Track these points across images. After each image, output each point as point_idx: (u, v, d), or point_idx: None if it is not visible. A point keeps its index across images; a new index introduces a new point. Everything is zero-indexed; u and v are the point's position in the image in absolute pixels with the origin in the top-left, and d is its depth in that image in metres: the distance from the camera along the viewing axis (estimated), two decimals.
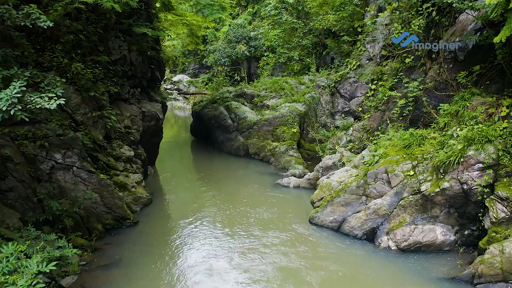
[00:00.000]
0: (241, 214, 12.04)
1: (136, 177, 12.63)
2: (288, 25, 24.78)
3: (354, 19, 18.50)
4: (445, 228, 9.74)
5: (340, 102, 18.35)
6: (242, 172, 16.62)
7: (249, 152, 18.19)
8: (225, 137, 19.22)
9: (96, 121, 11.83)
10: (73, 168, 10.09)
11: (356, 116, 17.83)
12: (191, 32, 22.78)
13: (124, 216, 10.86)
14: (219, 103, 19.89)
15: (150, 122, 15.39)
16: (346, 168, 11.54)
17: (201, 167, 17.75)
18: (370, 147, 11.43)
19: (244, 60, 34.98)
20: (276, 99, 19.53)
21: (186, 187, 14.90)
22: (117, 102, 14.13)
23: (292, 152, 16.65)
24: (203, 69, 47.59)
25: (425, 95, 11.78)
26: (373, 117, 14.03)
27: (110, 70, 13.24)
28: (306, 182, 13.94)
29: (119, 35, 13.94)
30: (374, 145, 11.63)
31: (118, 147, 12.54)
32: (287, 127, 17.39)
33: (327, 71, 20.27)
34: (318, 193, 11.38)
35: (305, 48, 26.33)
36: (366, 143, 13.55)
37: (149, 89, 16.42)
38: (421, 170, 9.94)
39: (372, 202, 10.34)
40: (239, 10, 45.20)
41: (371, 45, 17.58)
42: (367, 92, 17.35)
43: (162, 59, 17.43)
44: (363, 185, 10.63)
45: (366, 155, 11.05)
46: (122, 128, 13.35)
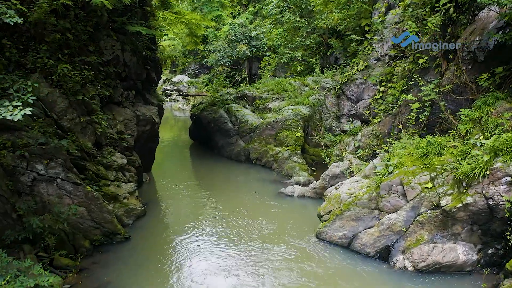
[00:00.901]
0: (242, 227, 11.13)
1: (129, 187, 11.72)
2: (291, 24, 23.84)
3: (361, 17, 17.57)
4: (467, 247, 8.81)
5: (346, 104, 17.42)
6: (243, 179, 15.70)
7: (250, 157, 17.27)
8: (225, 141, 18.30)
9: (85, 127, 10.92)
10: (57, 180, 9.18)
11: (364, 120, 16.90)
12: (190, 32, 21.89)
13: (114, 231, 9.94)
14: (219, 105, 18.97)
15: (145, 126, 14.48)
16: (356, 178, 10.61)
17: (199, 174, 16.83)
18: (382, 156, 10.49)
19: (245, 61, 34.07)
20: (279, 101, 18.60)
21: (183, 195, 13.97)
22: (109, 106, 13.22)
23: (296, 158, 15.72)
24: (203, 69, 46.68)
25: (442, 99, 10.84)
26: (383, 122, 13.09)
27: (101, 72, 12.33)
28: (311, 191, 13.01)
29: (111, 34, 13.02)
30: (386, 153, 10.70)
31: (109, 155, 11.62)
32: (290, 131, 16.47)
33: (332, 72, 19.33)
34: (326, 206, 10.45)
35: (308, 48, 25.41)
36: (376, 150, 12.61)
37: (145, 92, 15.51)
38: (440, 183, 9.02)
39: (386, 217, 9.42)
40: (240, 9, 44.33)
41: (380, 45, 16.66)
42: (375, 94, 16.45)
43: (158, 59, 16.52)
44: (376, 198, 9.70)
45: (379, 164, 10.12)
46: (114, 133, 12.44)
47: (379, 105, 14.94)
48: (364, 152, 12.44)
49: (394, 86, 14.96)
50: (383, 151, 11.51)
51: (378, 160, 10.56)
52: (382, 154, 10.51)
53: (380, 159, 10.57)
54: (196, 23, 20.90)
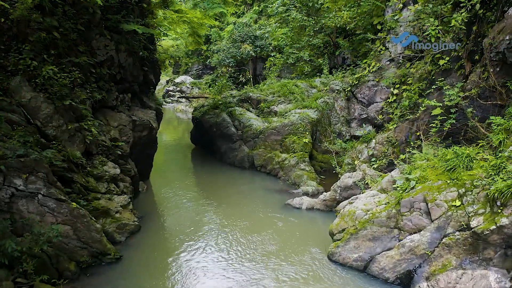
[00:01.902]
0: (246, 243, 10.12)
1: (122, 200, 10.72)
2: (297, 23, 22.79)
3: (373, 15, 16.50)
4: (500, 273, 7.72)
5: (357, 108, 16.36)
6: (247, 188, 14.67)
7: (254, 164, 16.25)
8: (228, 146, 17.29)
9: (73, 135, 9.95)
10: (38, 196, 8.20)
11: (376, 124, 15.84)
12: (193, 31, 20.94)
13: (103, 251, 8.95)
14: (221, 109, 17.95)
15: (142, 132, 13.50)
16: (373, 193, 9.56)
17: (200, 182, 15.82)
18: (401, 168, 9.44)
19: (250, 61, 33.06)
20: (285, 104, 17.57)
21: (182, 207, 12.98)
22: (102, 111, 12.25)
23: (303, 165, 14.68)
24: (207, 70, 45.76)
25: (469, 104, 9.76)
26: (399, 128, 12.04)
27: (93, 74, 11.36)
28: (321, 203, 11.98)
29: (105, 33, 12.04)
30: (406, 164, 9.64)
31: (100, 165, 10.64)
32: (297, 137, 15.42)
33: (341, 73, 18.27)
34: (339, 223, 9.41)
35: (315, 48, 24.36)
36: (393, 159, 11.56)
37: (142, 95, 14.52)
38: (470, 201, 7.95)
39: (408, 238, 8.37)
40: (244, 9, 43.36)
41: (393, 44, 15.58)
42: (388, 97, 15.40)
43: (157, 60, 15.52)
44: (395, 215, 8.65)
45: (398, 178, 9.06)
46: (107, 141, 11.45)
47: (393, 109, 13.88)
48: (379, 162, 11.37)
49: (409, 88, 13.94)
50: (401, 161, 10.44)
51: (396, 173, 9.50)
52: (402, 166, 9.45)
53: (399, 171, 9.51)
54: (198, 22, 19.93)
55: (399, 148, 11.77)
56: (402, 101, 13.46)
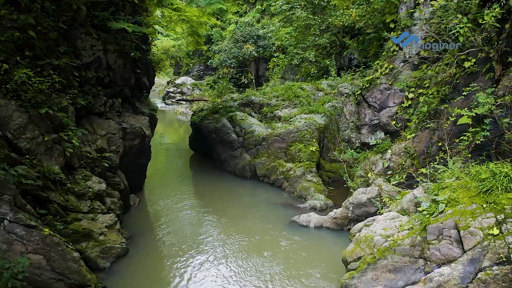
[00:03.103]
0: (247, 268, 8.96)
1: (107, 219, 9.53)
2: (302, 22, 21.57)
3: (385, 13, 15.27)
4: None
5: (368, 113, 15.13)
6: (248, 201, 13.46)
7: (256, 173, 15.03)
8: (229, 154, 16.07)
9: (51, 147, 8.76)
10: (4, 222, 7.01)
11: (388, 131, 14.60)
12: (192, 30, 19.78)
13: (83, 282, 7.75)
14: (221, 113, 16.74)
15: (134, 140, 12.31)
16: (392, 214, 8.32)
17: (198, 193, 14.60)
18: (426, 186, 8.21)
19: (252, 62, 31.90)
20: (290, 108, 16.34)
21: (177, 222, 11.79)
22: (89, 118, 11.08)
23: (310, 176, 13.45)
24: (208, 70, 44.58)
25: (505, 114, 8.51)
26: (418, 138, 10.80)
27: (77, 77, 10.18)
28: (331, 221, 10.75)
29: (91, 32, 10.87)
30: (431, 182, 8.41)
31: (83, 180, 9.45)
32: (303, 145, 14.19)
33: (350, 75, 17.05)
34: (354, 250, 8.18)
35: (320, 48, 23.16)
36: (411, 172, 10.32)
37: (134, 99, 13.34)
38: (510, 229, 6.72)
39: (436, 271, 7.13)
40: (246, 8, 42.18)
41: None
42: (402, 101, 14.15)
43: (151, 61, 14.32)
44: (421, 243, 7.42)
45: (423, 199, 7.83)
46: (93, 152, 10.27)
47: (409, 115, 12.64)
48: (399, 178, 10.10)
49: (426, 93, 12.70)
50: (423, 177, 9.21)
51: (420, 191, 8.27)
52: (426, 184, 8.21)
53: (422, 190, 8.27)
54: (198, 21, 18.79)
55: (418, 160, 10.53)
56: (419, 107, 12.21)
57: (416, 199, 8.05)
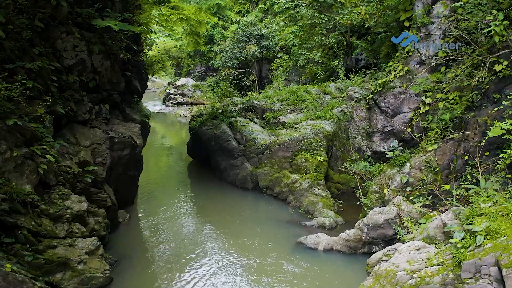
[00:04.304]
0: None
1: (88, 244, 8.35)
2: (307, 21, 20.30)
3: (399, 10, 14.03)
4: None
5: (380, 119, 13.90)
6: (249, 217, 12.27)
7: (259, 184, 13.82)
8: (229, 163, 14.87)
9: (21, 164, 7.59)
10: None
11: (402, 139, 13.39)
12: (191, 30, 18.64)
13: None
14: (221, 119, 15.53)
15: (123, 151, 11.13)
16: (418, 244, 7.11)
17: (196, 206, 13.41)
18: (457, 210, 7.00)
19: (254, 62, 30.69)
20: (295, 114, 15.12)
21: (170, 241, 10.62)
22: (71, 127, 9.93)
23: (318, 189, 12.23)
24: (209, 71, 43.39)
25: None
26: (441, 149, 9.56)
27: (55, 82, 9.01)
28: (343, 244, 9.54)
29: (73, 31, 9.70)
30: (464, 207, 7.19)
31: (60, 199, 8.27)
32: (310, 154, 12.97)
33: (360, 78, 15.81)
34: (373, 287, 6.97)
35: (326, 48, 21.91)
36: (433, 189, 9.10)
37: (124, 105, 12.18)
38: None
39: None
40: (249, 7, 40.97)
41: (424, 44, 13.12)
42: (418, 107, 12.95)
43: (143, 63, 13.13)
44: (454, 282, 6.21)
45: (456, 229, 6.62)
46: (74, 166, 9.09)
47: (428, 123, 11.42)
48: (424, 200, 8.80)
49: (445, 97, 11.51)
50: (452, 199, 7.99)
51: (449, 217, 7.05)
52: (457, 209, 7.00)
53: (452, 214, 7.06)
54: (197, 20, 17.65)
55: (441, 175, 9.30)
56: (439, 114, 11.01)
57: (447, 228, 6.84)
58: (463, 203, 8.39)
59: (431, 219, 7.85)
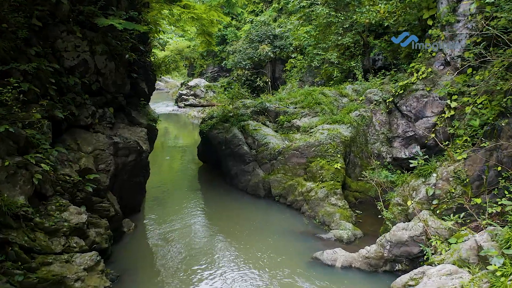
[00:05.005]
0: None
1: (87, 259, 7.74)
2: (323, 20, 19.53)
3: (422, 8, 13.18)
4: None
5: (401, 123, 13.07)
6: (261, 226, 11.58)
7: (271, 192, 13.11)
8: (240, 169, 14.19)
9: (13, 174, 7.02)
10: None
11: (425, 145, 12.55)
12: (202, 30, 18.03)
13: None
14: (232, 122, 14.86)
15: (128, 157, 10.55)
16: (449, 268, 6.32)
17: (205, 213, 12.76)
18: (494, 231, 6.20)
19: (268, 63, 29.99)
20: (310, 117, 14.36)
21: (176, 252, 9.99)
22: (72, 132, 9.37)
23: (335, 199, 11.46)
24: (222, 72, 42.84)
25: None
26: (471, 159, 8.73)
27: (54, 84, 8.44)
28: (362, 261, 8.77)
29: (74, 30, 9.13)
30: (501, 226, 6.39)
31: (57, 211, 7.69)
32: (326, 161, 12.21)
33: (380, 80, 14.98)
34: None
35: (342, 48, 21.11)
36: (463, 202, 8.27)
37: (130, 108, 11.59)
38: None
39: None
40: (263, 6, 40.30)
41: (449, 44, 12.25)
42: (442, 111, 12.10)
43: (150, 64, 12.52)
44: None
45: (494, 253, 5.82)
46: (74, 174, 8.51)
47: (454, 129, 10.57)
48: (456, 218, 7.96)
49: (472, 101, 10.66)
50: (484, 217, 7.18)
51: (485, 239, 6.26)
52: (494, 230, 6.20)
53: (488, 236, 6.27)
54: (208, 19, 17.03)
55: (471, 187, 8.47)
56: (468, 120, 10.15)
57: (484, 252, 6.04)
58: (496, 219, 7.58)
59: (462, 238, 7.06)
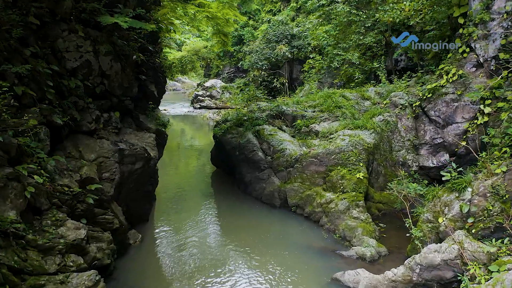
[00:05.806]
0: None
1: (85, 280, 7.07)
2: (343, 18, 18.62)
3: (452, 5, 12.19)
4: None
5: (429, 129, 12.11)
6: (275, 239, 10.77)
7: (287, 202, 12.29)
8: (254, 176, 13.40)
9: (4, 186, 6.39)
10: None
11: (455, 153, 11.58)
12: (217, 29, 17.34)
13: None
14: (246, 126, 14.08)
15: (134, 164, 9.86)
16: None
17: (217, 223, 12.01)
18: None
19: (285, 63, 29.15)
20: (329, 122, 13.49)
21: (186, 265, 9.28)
22: (74, 138, 8.73)
23: (357, 212, 10.58)
24: (239, 73, 42.18)
25: None
26: (511, 173, 7.76)
27: (52, 87, 7.80)
28: (388, 284, 7.88)
29: (76, 29, 8.49)
30: None
31: (52, 227, 7.04)
32: (347, 170, 11.33)
33: (405, 82, 14.01)
34: None
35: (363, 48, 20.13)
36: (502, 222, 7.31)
37: (138, 112, 10.92)
38: None
39: None
40: (280, 6, 39.48)
41: (482, 45, 11.26)
42: (474, 117, 11.12)
43: (159, 65, 11.82)
44: None
45: None
46: (73, 184, 7.87)
47: (488, 137, 9.58)
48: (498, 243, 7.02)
49: (508, 107, 9.68)
50: None
51: None
52: None
53: None
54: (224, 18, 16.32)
55: (511, 204, 7.51)
56: (504, 127, 9.15)
57: None
58: None
59: (505, 266, 6.14)
